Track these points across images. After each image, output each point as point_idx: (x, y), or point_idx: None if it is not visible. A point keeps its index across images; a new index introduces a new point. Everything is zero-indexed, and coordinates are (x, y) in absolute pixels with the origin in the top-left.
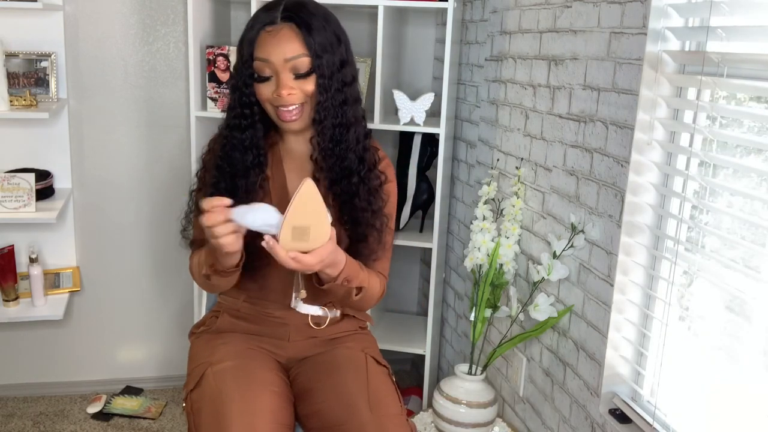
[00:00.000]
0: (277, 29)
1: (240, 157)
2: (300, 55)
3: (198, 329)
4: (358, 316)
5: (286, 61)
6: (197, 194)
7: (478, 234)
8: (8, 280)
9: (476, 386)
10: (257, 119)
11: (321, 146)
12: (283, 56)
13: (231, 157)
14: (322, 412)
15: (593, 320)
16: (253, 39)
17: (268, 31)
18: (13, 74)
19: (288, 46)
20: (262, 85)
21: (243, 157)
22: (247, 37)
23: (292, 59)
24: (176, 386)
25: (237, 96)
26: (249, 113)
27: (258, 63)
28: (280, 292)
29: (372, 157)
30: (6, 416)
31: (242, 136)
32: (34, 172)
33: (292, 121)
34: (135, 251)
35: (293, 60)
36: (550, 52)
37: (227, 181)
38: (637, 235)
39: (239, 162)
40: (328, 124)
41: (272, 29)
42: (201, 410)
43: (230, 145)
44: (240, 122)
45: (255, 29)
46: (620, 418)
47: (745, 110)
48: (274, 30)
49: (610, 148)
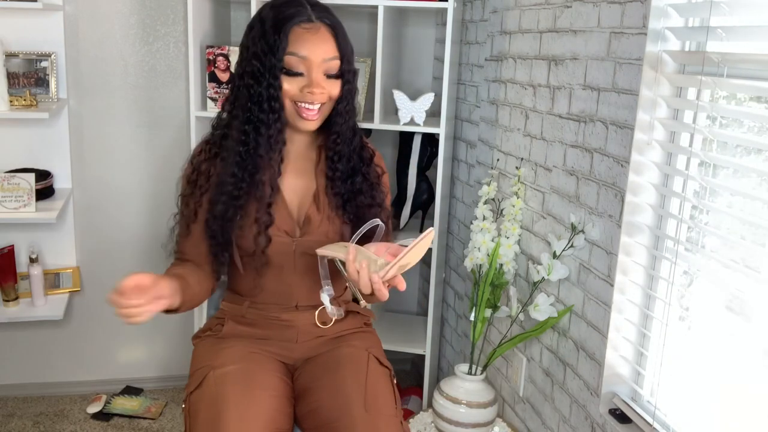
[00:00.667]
0: (315, 27)
1: (265, 154)
2: (335, 57)
3: (203, 334)
4: (362, 312)
5: (324, 60)
6: (189, 199)
7: (478, 234)
8: (8, 280)
9: (476, 386)
10: (282, 114)
11: (338, 148)
12: (323, 55)
13: (255, 154)
14: (317, 410)
15: (593, 320)
16: (288, 32)
17: (305, 28)
18: (13, 74)
19: (327, 46)
20: (290, 80)
21: (268, 154)
22: (277, 29)
23: (329, 60)
24: (176, 386)
25: (264, 89)
26: (277, 107)
27: (291, 58)
28: (284, 294)
29: (367, 152)
30: (6, 416)
31: (269, 132)
32: (34, 172)
33: (312, 120)
34: (135, 251)
35: (330, 61)
36: (550, 52)
37: (248, 180)
38: (637, 235)
39: (264, 159)
40: (347, 127)
41: (310, 27)
42: (198, 413)
43: (254, 142)
44: (268, 117)
45: (287, 23)
46: (620, 418)
47: (745, 110)
48: (312, 28)
49: (610, 148)
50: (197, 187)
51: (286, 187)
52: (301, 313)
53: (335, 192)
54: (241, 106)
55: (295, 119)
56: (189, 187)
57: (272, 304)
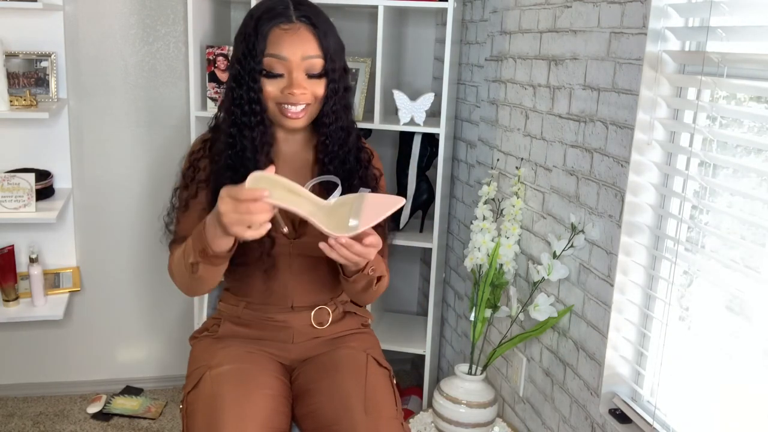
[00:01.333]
0: (294, 28)
1: (252, 156)
2: (316, 55)
3: (200, 334)
4: (360, 312)
5: (303, 59)
6: (183, 192)
7: (478, 234)
8: (8, 280)
9: (476, 386)
10: (265, 116)
11: (329, 149)
12: (301, 55)
13: (242, 156)
14: (317, 412)
15: (593, 320)
16: (266, 34)
17: (284, 29)
18: (13, 74)
19: (306, 46)
20: (270, 81)
21: (255, 156)
22: (256, 31)
23: (308, 58)
24: (176, 386)
25: (244, 92)
26: (259, 110)
27: (270, 59)
28: (281, 295)
29: (366, 154)
30: (6, 416)
31: (253, 134)
32: (34, 172)
33: (297, 120)
34: (135, 251)
35: (309, 59)
36: (550, 52)
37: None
38: (637, 235)
39: (250, 161)
40: (336, 128)
41: (289, 27)
42: (195, 413)
43: (240, 145)
44: (250, 119)
45: (266, 24)
46: (620, 418)
47: (745, 110)
48: (291, 28)
49: (610, 148)
50: (194, 181)
51: None
52: (297, 314)
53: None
54: (226, 108)
55: (280, 119)
56: (184, 180)
57: (268, 305)
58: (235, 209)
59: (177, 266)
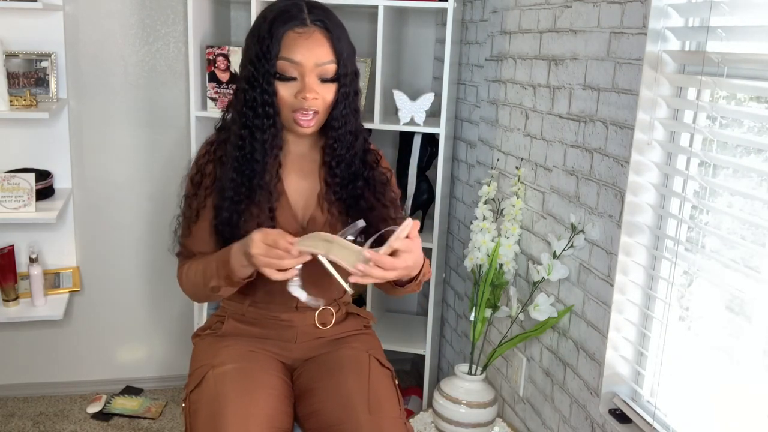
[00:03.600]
0: (309, 32)
1: (261, 158)
2: (330, 61)
3: (203, 332)
4: (362, 314)
5: (317, 65)
6: (192, 200)
7: (478, 234)
8: (8, 280)
9: (476, 386)
10: (277, 119)
11: (336, 153)
12: (315, 60)
13: (252, 159)
14: (320, 412)
15: (593, 320)
16: (280, 37)
17: (298, 32)
18: (13, 74)
19: (320, 51)
20: (283, 84)
21: (264, 158)
22: (270, 33)
23: (322, 64)
24: (176, 386)
25: (258, 94)
26: (272, 112)
27: (283, 63)
28: (285, 294)
29: (373, 156)
30: (6, 416)
31: (264, 137)
32: (34, 172)
33: (308, 126)
34: (135, 251)
35: (323, 65)
36: (550, 52)
37: (246, 184)
38: (637, 235)
39: (260, 164)
40: (344, 132)
41: (303, 31)
42: (198, 412)
43: (250, 147)
44: (262, 122)
45: (280, 27)
46: (620, 418)
47: (745, 110)
48: (305, 32)
49: (610, 148)
50: (201, 188)
51: (290, 188)
52: (301, 314)
53: (336, 197)
54: (238, 110)
55: (292, 126)
56: (193, 188)
57: (273, 304)
58: (266, 254)
59: (193, 284)
